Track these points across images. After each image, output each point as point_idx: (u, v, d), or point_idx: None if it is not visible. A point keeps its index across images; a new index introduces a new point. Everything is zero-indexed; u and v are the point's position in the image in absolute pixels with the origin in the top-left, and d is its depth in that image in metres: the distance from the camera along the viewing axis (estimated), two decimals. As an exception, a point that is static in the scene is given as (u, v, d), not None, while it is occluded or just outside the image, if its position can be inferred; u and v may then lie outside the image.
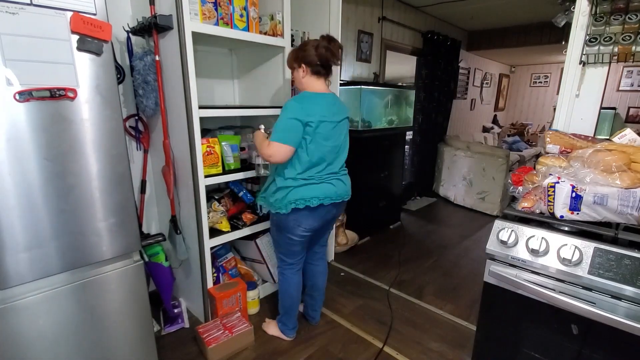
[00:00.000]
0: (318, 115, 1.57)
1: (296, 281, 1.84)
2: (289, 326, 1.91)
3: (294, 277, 1.83)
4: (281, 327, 1.92)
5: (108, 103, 1.21)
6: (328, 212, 1.71)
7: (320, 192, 1.63)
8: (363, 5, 3.48)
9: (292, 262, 1.81)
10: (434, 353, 1.85)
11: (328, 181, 1.67)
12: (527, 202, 1.24)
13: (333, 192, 1.67)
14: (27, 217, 1.10)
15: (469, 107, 5.93)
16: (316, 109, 1.58)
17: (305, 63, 1.61)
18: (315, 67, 1.61)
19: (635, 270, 0.98)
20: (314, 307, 2.03)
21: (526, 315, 1.21)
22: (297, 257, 1.81)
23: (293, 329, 1.92)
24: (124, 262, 1.36)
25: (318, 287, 1.97)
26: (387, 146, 3.39)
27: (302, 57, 1.61)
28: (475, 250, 3.14)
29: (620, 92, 5.08)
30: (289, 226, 1.67)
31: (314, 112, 1.56)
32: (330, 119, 1.62)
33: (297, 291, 1.85)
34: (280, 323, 1.93)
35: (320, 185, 1.65)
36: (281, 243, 1.77)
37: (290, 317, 1.89)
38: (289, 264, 1.81)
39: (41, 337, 1.19)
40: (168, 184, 1.86)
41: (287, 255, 1.79)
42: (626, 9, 1.31)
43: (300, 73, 1.65)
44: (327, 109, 1.62)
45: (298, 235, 1.69)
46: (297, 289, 1.85)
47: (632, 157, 1.14)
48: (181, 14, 1.55)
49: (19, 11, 1.01)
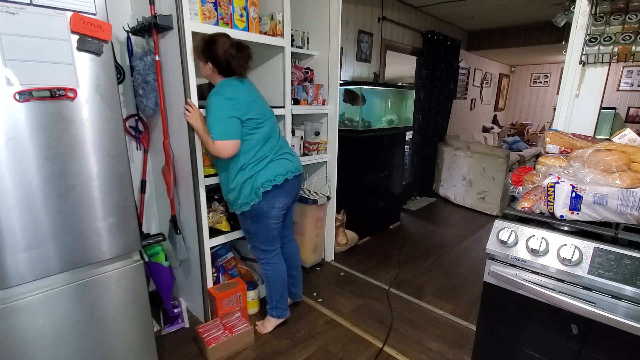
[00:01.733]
0: (246, 99, 1.61)
1: (280, 265, 1.91)
2: (283, 307, 1.98)
3: (279, 261, 1.90)
4: (278, 313, 1.98)
5: (108, 103, 1.21)
6: (294, 186, 1.79)
7: (280, 168, 1.70)
8: (363, 5, 3.48)
9: (274, 249, 1.88)
10: (434, 353, 1.85)
11: (283, 157, 1.73)
12: (527, 202, 1.24)
13: (291, 166, 1.74)
14: (27, 217, 1.10)
15: (469, 107, 5.93)
16: (240, 94, 1.59)
17: (213, 63, 1.58)
18: (222, 70, 1.60)
19: (635, 270, 0.98)
20: (295, 284, 2.12)
21: (526, 315, 1.21)
22: (277, 242, 1.88)
23: (287, 309, 2.02)
24: (124, 262, 1.36)
25: (295, 265, 2.08)
26: (387, 146, 3.39)
27: (210, 55, 1.56)
28: (475, 250, 3.14)
29: (620, 92, 5.08)
30: (263, 211, 1.72)
31: (241, 99, 1.58)
32: (258, 97, 1.69)
33: (283, 274, 1.92)
34: (276, 310, 1.97)
35: (278, 162, 1.71)
36: (260, 233, 1.80)
37: (284, 299, 1.98)
38: (272, 251, 1.87)
39: (41, 337, 1.19)
40: (168, 184, 1.86)
41: (268, 243, 1.84)
42: (626, 9, 1.31)
43: (207, 69, 1.61)
44: (249, 89, 1.67)
45: (274, 217, 1.75)
46: (285, 270, 1.93)
47: (632, 157, 1.14)
48: (181, 14, 1.55)
49: (19, 11, 1.01)
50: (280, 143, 1.77)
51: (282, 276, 1.92)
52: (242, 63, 1.59)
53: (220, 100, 1.55)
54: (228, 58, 1.56)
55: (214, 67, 1.59)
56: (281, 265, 1.91)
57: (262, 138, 1.66)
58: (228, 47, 1.55)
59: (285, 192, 1.74)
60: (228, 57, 1.55)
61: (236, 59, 1.57)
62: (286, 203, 1.78)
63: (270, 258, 1.87)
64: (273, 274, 1.89)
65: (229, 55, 1.55)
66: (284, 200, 1.76)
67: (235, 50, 1.56)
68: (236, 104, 1.57)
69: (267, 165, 1.67)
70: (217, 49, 1.54)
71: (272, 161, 1.69)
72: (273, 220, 1.76)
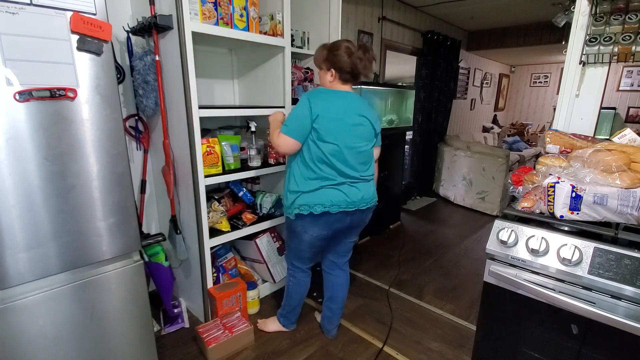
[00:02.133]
0: (328, 111, 1.49)
1: (307, 282, 1.85)
2: (291, 320, 1.96)
3: (306, 279, 1.84)
4: (283, 322, 1.96)
5: (108, 103, 1.20)
6: (338, 221, 1.59)
7: (325, 198, 1.53)
8: (363, 5, 3.48)
9: (303, 267, 1.81)
10: (434, 353, 1.85)
11: (339, 187, 1.55)
12: (527, 202, 1.24)
13: (342, 200, 1.55)
14: (27, 217, 1.10)
15: (469, 107, 5.93)
16: (327, 105, 1.50)
17: (336, 69, 1.53)
18: (345, 75, 1.54)
19: (635, 270, 0.98)
20: (331, 319, 1.90)
21: (526, 315, 1.21)
22: (308, 264, 1.80)
23: (295, 322, 1.98)
24: (124, 262, 1.36)
25: (336, 299, 1.86)
26: (387, 146, 3.38)
27: (333, 61, 1.52)
28: (475, 250, 3.14)
29: (620, 92, 5.08)
30: (296, 231, 1.64)
31: (324, 108, 1.49)
32: (343, 117, 1.51)
33: (307, 291, 1.87)
34: (283, 318, 1.95)
35: (328, 191, 1.54)
36: (291, 246, 1.76)
37: (295, 313, 1.94)
38: (300, 269, 1.80)
39: (41, 337, 1.19)
40: (168, 184, 1.86)
41: (297, 260, 1.78)
42: (626, 9, 1.31)
43: (327, 77, 1.56)
44: (342, 106, 1.52)
45: (306, 241, 1.64)
46: (307, 288, 1.87)
47: (632, 157, 1.14)
48: (181, 14, 1.55)
49: (19, 11, 1.01)
50: (349, 171, 1.56)
51: (302, 294, 1.86)
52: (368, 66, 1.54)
53: (305, 102, 1.50)
54: (353, 59, 1.49)
55: (336, 73, 1.53)
56: (304, 284, 1.83)
57: (324, 156, 1.52)
58: (354, 49, 1.51)
59: (321, 224, 1.58)
60: (354, 59, 1.49)
61: (362, 62, 1.51)
62: (322, 234, 1.61)
63: (296, 272, 1.81)
64: (293, 288, 1.84)
65: (357, 58, 1.50)
66: (319, 231, 1.60)
67: (362, 51, 1.51)
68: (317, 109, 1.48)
69: (316, 190, 1.54)
70: (340, 52, 1.50)
71: (323, 188, 1.54)
72: (304, 244, 1.65)
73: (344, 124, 1.52)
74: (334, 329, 1.94)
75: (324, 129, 1.49)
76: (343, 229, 1.67)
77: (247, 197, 2.15)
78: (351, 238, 1.80)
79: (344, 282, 1.87)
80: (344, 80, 1.56)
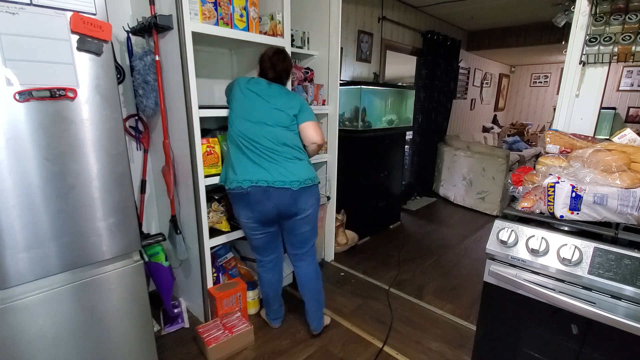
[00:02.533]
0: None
1: (266, 279, 1.89)
2: (270, 316, 2.01)
3: (265, 275, 1.88)
4: (267, 315, 2.03)
5: (108, 103, 1.21)
6: (260, 202, 1.57)
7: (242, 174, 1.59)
8: (363, 5, 3.48)
9: (260, 260, 1.86)
10: (434, 353, 1.85)
11: (259, 163, 1.58)
12: (527, 202, 1.24)
13: (261, 176, 1.56)
14: (27, 217, 1.10)
15: (469, 107, 5.93)
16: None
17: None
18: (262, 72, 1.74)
19: (635, 270, 0.98)
20: (309, 313, 1.88)
21: (526, 315, 1.21)
22: (263, 255, 1.84)
23: (275, 320, 2.01)
24: (124, 262, 1.36)
25: (306, 292, 1.84)
26: (387, 146, 3.39)
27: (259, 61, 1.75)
28: (475, 250, 3.14)
29: (620, 92, 5.08)
30: (236, 217, 1.74)
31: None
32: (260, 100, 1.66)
33: (269, 288, 1.90)
34: (266, 313, 2.03)
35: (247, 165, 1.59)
36: (245, 236, 1.84)
37: (269, 309, 1.99)
38: (258, 260, 1.87)
39: (41, 337, 1.19)
40: (168, 184, 1.86)
41: (253, 250, 1.85)
42: (626, 9, 1.31)
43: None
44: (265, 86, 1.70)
45: (245, 226, 1.72)
46: (267, 285, 1.90)
47: (632, 157, 1.14)
48: (181, 14, 1.55)
49: (19, 11, 1.01)
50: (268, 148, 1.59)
51: (266, 290, 1.91)
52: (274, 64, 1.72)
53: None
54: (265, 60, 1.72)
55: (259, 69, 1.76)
56: (266, 280, 1.88)
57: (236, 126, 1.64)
58: (271, 55, 1.72)
59: (245, 203, 1.61)
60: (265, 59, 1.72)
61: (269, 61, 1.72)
62: (250, 216, 1.63)
63: (257, 266, 1.89)
64: (260, 283, 1.93)
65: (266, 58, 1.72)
66: (247, 212, 1.63)
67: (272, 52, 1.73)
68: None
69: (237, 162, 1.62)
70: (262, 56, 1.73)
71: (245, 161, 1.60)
72: (245, 229, 1.74)
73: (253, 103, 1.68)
74: (317, 324, 1.89)
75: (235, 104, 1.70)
76: (270, 212, 1.62)
77: (247, 197, 2.15)
78: (294, 227, 1.71)
79: (307, 272, 1.81)
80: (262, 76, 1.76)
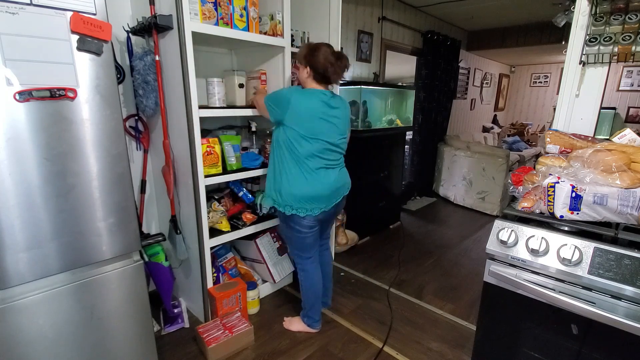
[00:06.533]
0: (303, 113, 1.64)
1: (317, 273, 1.89)
2: (315, 319, 1.97)
3: (314, 270, 1.88)
4: (308, 322, 1.98)
5: (108, 103, 1.21)
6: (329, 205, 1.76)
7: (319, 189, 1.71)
8: (363, 5, 3.48)
9: (309, 257, 1.86)
10: (434, 353, 1.85)
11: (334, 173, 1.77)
12: (527, 202, 1.24)
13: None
14: (27, 217, 1.10)
15: (469, 107, 5.93)
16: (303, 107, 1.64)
17: (311, 67, 1.65)
18: (317, 75, 1.66)
19: (635, 270, 0.98)
20: (326, 292, 2.08)
21: (526, 315, 1.21)
22: (311, 251, 1.86)
23: (319, 321, 1.99)
24: (124, 262, 1.36)
25: (326, 275, 2.06)
26: (387, 146, 3.39)
27: (311, 60, 1.64)
28: (475, 250, 3.14)
29: (620, 92, 5.07)
30: (294, 220, 1.75)
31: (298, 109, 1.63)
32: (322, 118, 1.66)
33: (319, 283, 1.90)
34: (307, 318, 1.98)
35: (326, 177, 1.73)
36: (291, 238, 1.84)
37: (317, 310, 1.96)
38: (306, 258, 1.86)
39: (41, 337, 1.19)
40: (168, 184, 1.86)
41: (302, 250, 1.84)
42: (626, 9, 1.31)
43: (304, 73, 1.69)
44: (319, 106, 1.66)
45: (303, 225, 1.75)
46: (319, 280, 1.90)
47: (632, 157, 1.14)
48: (181, 14, 1.55)
49: (19, 11, 1.01)
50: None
51: (315, 286, 1.89)
52: (337, 71, 1.66)
53: (286, 93, 1.67)
54: (326, 63, 1.62)
55: (311, 71, 1.66)
56: (316, 273, 1.88)
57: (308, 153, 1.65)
58: (329, 54, 1.63)
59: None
60: (326, 63, 1.62)
61: (333, 67, 1.63)
62: (315, 217, 1.74)
63: (304, 264, 1.87)
64: (306, 282, 1.90)
65: (328, 62, 1.62)
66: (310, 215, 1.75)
67: (335, 57, 1.63)
68: (290, 109, 1.62)
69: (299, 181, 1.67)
70: (319, 53, 1.62)
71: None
72: (303, 229, 1.75)
73: (318, 123, 1.65)
74: (330, 299, 2.17)
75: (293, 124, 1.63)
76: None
77: (247, 197, 2.15)
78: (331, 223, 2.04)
79: (330, 258, 2.10)
80: (316, 80, 1.68)
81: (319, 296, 1.92)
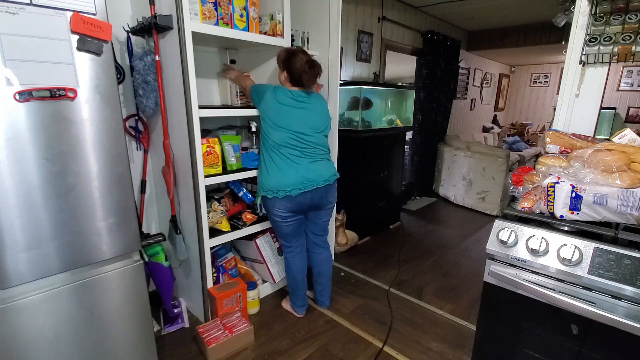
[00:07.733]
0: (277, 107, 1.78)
1: (295, 264, 1.99)
2: (297, 304, 2.09)
3: (293, 260, 1.99)
4: (292, 305, 2.12)
5: (108, 103, 1.21)
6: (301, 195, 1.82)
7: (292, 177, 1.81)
8: (363, 5, 3.48)
9: (289, 245, 1.97)
10: (434, 353, 1.85)
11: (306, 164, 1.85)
12: (527, 202, 1.24)
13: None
14: (27, 217, 1.10)
15: (469, 107, 5.93)
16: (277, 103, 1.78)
17: (288, 71, 1.78)
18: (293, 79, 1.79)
19: (635, 270, 0.98)
20: (322, 292, 2.16)
21: (526, 315, 1.21)
22: (291, 241, 1.96)
23: (301, 307, 2.10)
24: (124, 262, 1.36)
25: (323, 274, 2.11)
26: (387, 146, 3.39)
27: (288, 65, 1.76)
28: (475, 250, 3.14)
29: (620, 92, 5.08)
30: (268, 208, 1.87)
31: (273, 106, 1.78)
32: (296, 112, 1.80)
33: (297, 272, 2.00)
34: (290, 301, 2.13)
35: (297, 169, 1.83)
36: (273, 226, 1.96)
37: (297, 296, 2.07)
38: (286, 246, 1.99)
39: (41, 337, 1.19)
40: (168, 184, 1.86)
41: (281, 237, 1.97)
42: (626, 9, 1.31)
43: (282, 76, 1.82)
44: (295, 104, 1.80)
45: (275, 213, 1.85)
46: (296, 270, 2.00)
47: (632, 157, 1.14)
48: (181, 14, 1.55)
49: (19, 11, 1.01)
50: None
51: (295, 275, 2.00)
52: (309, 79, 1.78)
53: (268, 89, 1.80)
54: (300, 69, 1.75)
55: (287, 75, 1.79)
56: (294, 264, 1.98)
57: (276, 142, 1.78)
58: (304, 62, 1.75)
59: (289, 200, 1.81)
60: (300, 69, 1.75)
61: (307, 75, 1.76)
62: (288, 207, 1.82)
63: (285, 252, 2.00)
64: (286, 269, 2.03)
65: (302, 69, 1.75)
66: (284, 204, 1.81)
67: (308, 65, 1.75)
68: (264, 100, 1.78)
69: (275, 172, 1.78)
70: (296, 59, 1.75)
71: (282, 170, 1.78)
72: (277, 218, 1.85)
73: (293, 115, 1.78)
74: (327, 300, 2.20)
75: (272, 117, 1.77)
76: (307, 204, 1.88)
77: (247, 197, 2.15)
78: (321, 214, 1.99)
79: (326, 257, 2.09)
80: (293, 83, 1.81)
81: (299, 286, 2.03)
